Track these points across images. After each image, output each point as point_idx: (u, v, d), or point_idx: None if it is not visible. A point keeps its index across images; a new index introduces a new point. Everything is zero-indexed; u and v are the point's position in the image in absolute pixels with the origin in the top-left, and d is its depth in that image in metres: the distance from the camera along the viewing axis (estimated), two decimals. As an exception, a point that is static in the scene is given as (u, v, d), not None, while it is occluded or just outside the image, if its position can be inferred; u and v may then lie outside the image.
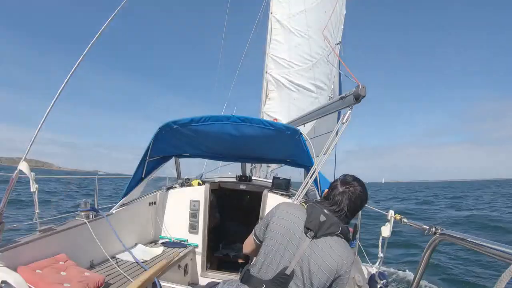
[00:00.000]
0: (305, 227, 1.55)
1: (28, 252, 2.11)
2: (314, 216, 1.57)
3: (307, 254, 1.50)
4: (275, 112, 8.21)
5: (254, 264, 1.65)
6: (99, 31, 2.52)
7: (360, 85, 2.25)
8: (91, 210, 2.84)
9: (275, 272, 1.53)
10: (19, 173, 2.12)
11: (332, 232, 1.54)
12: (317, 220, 1.55)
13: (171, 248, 3.48)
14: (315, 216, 1.57)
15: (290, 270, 1.50)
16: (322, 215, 1.57)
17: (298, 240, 1.54)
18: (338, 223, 1.56)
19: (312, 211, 1.60)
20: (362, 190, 1.65)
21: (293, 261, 1.51)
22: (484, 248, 1.06)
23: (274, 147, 3.48)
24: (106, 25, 2.56)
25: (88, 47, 2.47)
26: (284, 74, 8.21)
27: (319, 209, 1.60)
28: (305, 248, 1.51)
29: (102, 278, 2.20)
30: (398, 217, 2.25)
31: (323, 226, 1.53)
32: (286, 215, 1.63)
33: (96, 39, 2.50)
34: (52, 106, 2.27)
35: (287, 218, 1.62)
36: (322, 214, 1.57)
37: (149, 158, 3.41)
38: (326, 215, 1.57)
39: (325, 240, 1.53)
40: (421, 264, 1.48)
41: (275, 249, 1.57)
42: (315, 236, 1.53)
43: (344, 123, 2.36)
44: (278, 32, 8.37)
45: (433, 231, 1.58)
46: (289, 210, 1.66)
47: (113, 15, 2.63)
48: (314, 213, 1.58)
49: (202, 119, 2.97)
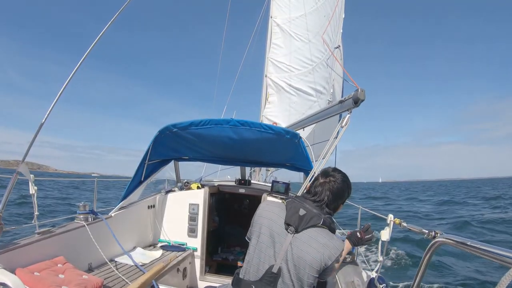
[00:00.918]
0: (285, 223, 1.56)
1: (26, 254, 2.10)
2: (293, 211, 1.58)
3: (291, 250, 1.51)
4: (274, 115, 8.23)
5: (242, 267, 1.66)
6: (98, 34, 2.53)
7: (359, 89, 2.26)
8: (90, 213, 2.83)
9: (262, 272, 1.54)
10: (18, 175, 2.12)
11: (313, 224, 1.54)
12: (297, 214, 1.56)
13: (170, 251, 3.47)
14: (294, 211, 1.58)
15: (276, 268, 1.51)
16: (301, 209, 1.58)
17: (280, 237, 1.55)
18: (319, 215, 1.57)
19: (291, 206, 1.62)
20: (343, 180, 1.66)
21: (278, 259, 1.52)
22: (484, 252, 1.06)
23: (274, 150, 3.48)
24: (107, 28, 2.57)
25: (88, 50, 2.47)
26: (284, 78, 8.24)
27: (298, 204, 1.62)
28: (288, 244, 1.52)
29: (100, 281, 2.19)
30: (397, 221, 2.24)
31: (303, 219, 1.54)
32: (266, 213, 1.65)
33: (96, 42, 2.51)
34: (52, 109, 2.27)
35: (267, 216, 1.63)
36: (302, 208, 1.58)
37: (149, 161, 3.41)
38: (305, 208, 1.58)
39: (307, 233, 1.53)
40: (421, 268, 1.48)
41: (259, 249, 1.58)
42: (296, 230, 1.53)
43: (343, 127, 2.37)
44: (278, 36, 8.41)
45: (432, 235, 1.58)
46: (269, 208, 1.69)
47: (113, 18, 2.64)
48: (293, 208, 1.60)
49: (201, 123, 2.97)
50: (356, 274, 2.53)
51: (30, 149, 2.19)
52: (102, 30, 2.55)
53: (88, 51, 2.46)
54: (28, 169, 2.18)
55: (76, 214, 2.79)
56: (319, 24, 8.26)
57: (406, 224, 2.18)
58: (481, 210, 19.09)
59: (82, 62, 2.40)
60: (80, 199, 4.66)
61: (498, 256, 0.99)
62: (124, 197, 3.32)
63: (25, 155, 2.16)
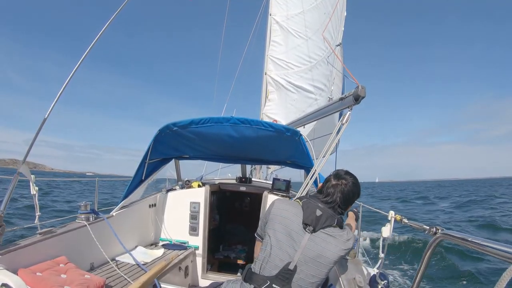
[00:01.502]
0: (304, 222, 1.62)
1: (28, 254, 2.10)
2: (310, 211, 1.64)
3: (310, 248, 1.57)
4: (274, 113, 8.22)
5: (255, 262, 1.69)
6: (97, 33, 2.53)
7: (359, 86, 2.25)
8: (91, 213, 2.84)
9: (279, 268, 1.58)
10: (19, 175, 2.12)
11: (329, 224, 1.62)
12: (314, 214, 1.63)
13: (172, 250, 3.47)
14: (311, 211, 1.64)
15: (293, 265, 1.56)
16: (318, 210, 1.65)
17: (298, 236, 1.60)
18: (333, 215, 1.65)
19: (307, 206, 1.68)
20: (354, 184, 1.74)
21: (296, 256, 1.57)
22: (485, 248, 1.06)
23: (274, 148, 3.48)
24: (105, 28, 2.56)
25: (87, 49, 2.47)
26: (284, 76, 8.22)
27: (314, 204, 1.68)
28: (306, 242, 1.58)
29: (102, 281, 2.20)
30: (398, 217, 2.24)
31: (320, 220, 1.61)
32: (283, 212, 1.69)
33: (96, 41, 2.50)
34: (52, 109, 2.27)
35: (284, 215, 1.68)
36: (318, 209, 1.65)
37: (149, 160, 3.41)
38: (321, 209, 1.65)
39: (325, 232, 1.61)
40: (422, 264, 1.48)
41: (276, 246, 1.62)
42: (314, 230, 1.60)
43: (344, 124, 2.36)
44: (277, 34, 8.39)
45: (433, 231, 1.58)
46: (285, 207, 1.72)
47: (112, 17, 2.64)
48: (310, 209, 1.66)
49: (201, 121, 2.97)
50: (357, 271, 2.54)
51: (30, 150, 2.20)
52: (101, 30, 2.55)
53: (88, 51, 2.46)
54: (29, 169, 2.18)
55: (78, 214, 2.79)
56: (319, 22, 8.24)
57: (407, 220, 2.18)
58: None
59: (81, 62, 2.40)
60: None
61: (499, 252, 0.99)
62: (125, 196, 3.32)
63: (26, 156, 2.16)
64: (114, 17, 2.65)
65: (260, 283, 1.59)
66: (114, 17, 2.64)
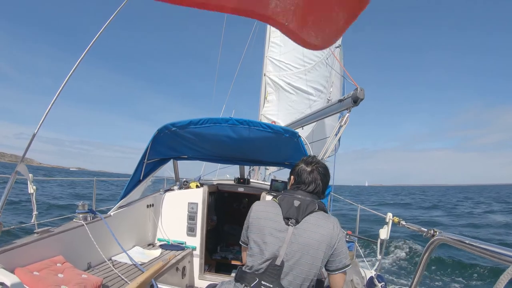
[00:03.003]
0: (285, 218, 1.61)
1: (25, 254, 2.09)
2: (288, 204, 1.64)
3: (295, 240, 1.55)
4: (273, 114, 8.22)
5: (246, 265, 1.69)
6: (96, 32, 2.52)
7: (358, 88, 2.26)
8: (88, 212, 2.83)
9: (266, 265, 1.57)
10: (17, 174, 2.11)
11: (311, 211, 1.61)
12: (293, 207, 1.63)
13: (169, 250, 3.47)
14: (289, 204, 1.64)
15: (279, 260, 1.55)
16: (295, 201, 1.65)
17: (282, 232, 1.59)
18: (313, 201, 1.65)
19: (284, 200, 1.68)
20: (323, 164, 1.80)
21: (281, 251, 1.55)
22: (483, 250, 1.06)
23: (273, 149, 3.48)
24: (105, 26, 2.55)
25: (87, 47, 2.46)
26: (283, 77, 8.23)
27: (290, 196, 1.68)
28: (290, 235, 1.57)
29: (99, 280, 2.19)
30: (396, 219, 2.25)
31: (300, 210, 1.61)
32: (262, 214, 1.68)
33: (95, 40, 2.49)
34: (52, 106, 2.26)
35: (264, 217, 1.67)
36: (295, 200, 1.65)
37: (147, 160, 3.40)
38: (298, 199, 1.65)
39: (307, 220, 1.59)
40: (420, 266, 1.49)
41: (261, 247, 1.61)
42: (297, 221, 1.59)
43: (343, 126, 2.37)
44: (277, 35, 8.39)
45: (431, 233, 1.58)
46: (263, 208, 1.72)
47: (112, 16, 2.62)
48: (287, 202, 1.65)
49: (200, 121, 2.97)
50: (355, 272, 2.54)
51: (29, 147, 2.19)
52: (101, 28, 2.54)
53: (87, 49, 2.45)
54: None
55: (75, 214, 2.79)
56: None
57: (405, 222, 2.18)
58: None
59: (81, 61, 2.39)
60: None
61: (497, 255, 0.99)
62: (123, 196, 3.31)
63: (24, 154, 2.15)
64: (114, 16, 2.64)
65: (250, 281, 1.60)
66: (114, 15, 2.63)
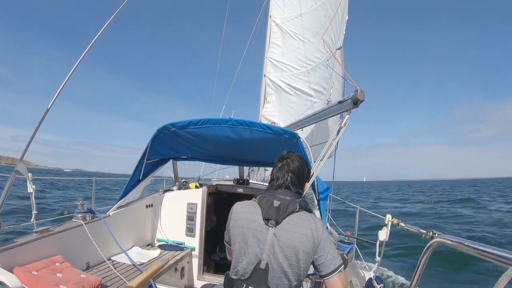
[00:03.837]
0: (264, 219, 1.55)
1: (24, 253, 2.09)
2: (268, 205, 1.58)
3: (277, 242, 1.50)
4: (273, 115, 8.22)
5: (231, 268, 1.66)
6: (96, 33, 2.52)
7: (358, 90, 2.26)
8: (88, 212, 2.83)
9: (251, 270, 1.53)
10: (16, 173, 2.11)
11: (291, 211, 1.54)
12: (272, 207, 1.56)
13: (168, 250, 3.47)
14: (269, 204, 1.58)
15: (264, 263, 1.50)
16: (275, 201, 1.58)
17: (262, 234, 1.54)
18: (293, 201, 1.58)
19: (263, 201, 1.62)
20: (298, 158, 1.71)
21: (264, 254, 1.51)
22: (482, 252, 1.07)
23: (272, 150, 3.48)
24: (105, 28, 2.56)
25: (87, 49, 2.46)
26: (283, 78, 8.23)
27: (270, 196, 1.62)
28: (271, 237, 1.51)
29: (98, 280, 2.19)
30: (395, 221, 2.25)
31: (280, 210, 1.54)
32: (242, 215, 1.64)
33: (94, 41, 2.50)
34: (50, 108, 2.26)
35: (244, 217, 1.63)
36: (275, 200, 1.59)
37: (147, 160, 3.40)
38: (279, 199, 1.59)
39: (288, 221, 1.53)
40: (418, 268, 1.49)
41: (244, 250, 1.57)
42: (277, 222, 1.53)
43: (343, 127, 2.37)
44: (277, 36, 8.40)
45: (430, 235, 1.59)
46: (243, 209, 1.68)
47: (112, 17, 2.63)
48: (267, 202, 1.60)
49: (200, 122, 2.97)
50: (354, 274, 2.54)
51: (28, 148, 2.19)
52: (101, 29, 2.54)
53: (87, 50, 2.45)
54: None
55: (74, 213, 2.79)
56: (319, 24, 8.25)
57: (404, 224, 2.19)
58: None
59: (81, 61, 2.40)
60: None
61: (495, 257, 1.00)
62: (122, 196, 3.32)
63: (23, 154, 2.16)
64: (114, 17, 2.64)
65: (237, 287, 1.57)
66: (113, 17, 2.64)
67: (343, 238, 3.09)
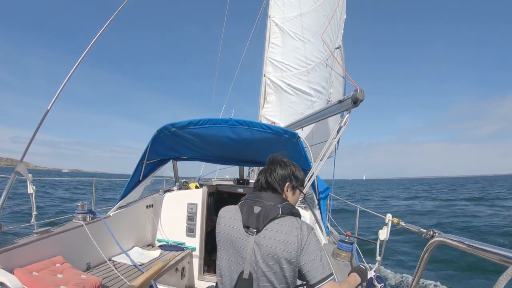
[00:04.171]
0: (244, 226, 1.48)
1: (25, 254, 2.09)
2: (248, 211, 1.50)
3: (258, 251, 1.42)
4: (273, 115, 8.22)
5: (219, 278, 1.58)
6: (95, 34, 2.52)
7: (358, 89, 2.26)
8: (88, 213, 2.83)
9: (234, 280, 1.47)
10: (17, 174, 2.11)
11: (273, 217, 1.45)
12: (253, 214, 1.48)
13: (169, 251, 3.47)
14: (249, 211, 1.50)
15: (246, 273, 1.43)
16: (255, 207, 1.50)
17: (242, 241, 1.46)
18: (275, 206, 1.48)
19: (244, 207, 1.54)
20: (281, 160, 1.65)
21: (246, 263, 1.44)
22: (482, 251, 1.06)
23: (272, 150, 3.47)
24: (104, 28, 2.56)
25: (86, 49, 2.46)
26: (282, 78, 8.23)
27: (251, 202, 1.54)
28: (252, 246, 1.43)
29: (99, 281, 2.19)
30: (395, 220, 2.25)
31: (260, 217, 1.46)
32: (224, 221, 1.57)
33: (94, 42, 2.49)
34: (50, 109, 2.26)
35: (226, 224, 1.55)
36: (256, 205, 1.51)
37: (147, 160, 3.41)
38: (259, 204, 1.51)
39: (269, 228, 1.44)
40: (419, 267, 1.48)
41: (227, 258, 1.51)
42: (258, 230, 1.44)
43: (342, 127, 2.37)
44: (277, 36, 8.40)
45: (430, 234, 1.58)
46: (227, 214, 1.60)
47: (111, 18, 2.63)
48: (247, 209, 1.52)
49: (200, 122, 2.97)
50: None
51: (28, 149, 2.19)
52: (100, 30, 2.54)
53: (86, 51, 2.45)
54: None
55: (75, 214, 2.79)
56: (319, 24, 8.26)
57: (404, 223, 2.18)
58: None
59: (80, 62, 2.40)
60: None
61: (496, 256, 1.00)
62: (123, 196, 3.32)
63: (23, 154, 2.15)
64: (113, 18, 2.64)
65: None
66: (113, 17, 2.64)
67: (343, 237, 3.10)
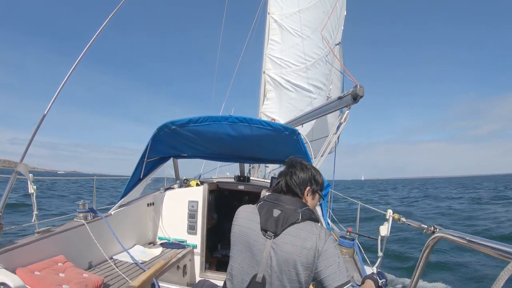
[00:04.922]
0: (262, 229, 1.45)
1: (26, 253, 2.10)
2: (267, 214, 1.48)
3: (275, 255, 1.39)
4: (273, 112, 8.21)
5: (229, 278, 1.56)
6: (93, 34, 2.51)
7: (358, 85, 2.26)
8: (89, 211, 2.83)
9: (246, 282, 1.45)
10: (17, 174, 2.12)
11: (292, 222, 1.42)
12: (271, 217, 1.45)
13: (170, 249, 3.48)
14: (268, 213, 1.48)
15: (260, 277, 1.41)
16: (275, 210, 1.48)
17: (259, 244, 1.44)
18: (295, 210, 1.46)
19: (263, 210, 1.51)
20: (301, 163, 1.61)
21: (261, 267, 1.41)
22: (483, 246, 1.07)
23: (272, 147, 3.49)
24: (102, 29, 2.55)
25: (84, 50, 2.46)
26: (282, 74, 8.22)
27: (271, 205, 1.51)
28: (268, 250, 1.41)
29: (101, 279, 2.19)
30: (396, 216, 2.25)
31: (279, 221, 1.43)
32: (242, 221, 1.55)
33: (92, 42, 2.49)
34: (49, 110, 2.26)
35: (243, 224, 1.53)
36: (275, 209, 1.48)
37: (147, 159, 3.40)
38: (280, 207, 1.48)
39: (288, 233, 1.41)
40: (420, 263, 1.49)
41: (240, 259, 1.49)
42: (276, 234, 1.41)
43: (343, 123, 2.37)
44: (276, 32, 8.38)
45: (431, 230, 1.59)
46: (244, 215, 1.57)
47: (108, 18, 2.62)
48: (266, 212, 1.49)
49: (200, 120, 2.97)
50: (355, 269, 2.55)
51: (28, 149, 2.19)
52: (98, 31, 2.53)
53: (84, 51, 2.45)
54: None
55: (76, 213, 2.79)
56: (318, 20, 8.23)
57: (405, 219, 2.19)
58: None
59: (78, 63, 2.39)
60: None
61: (497, 251, 1.00)
62: (123, 195, 3.32)
63: (23, 155, 2.16)
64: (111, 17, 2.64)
65: None
66: (111, 17, 2.63)
67: (344, 234, 3.10)
